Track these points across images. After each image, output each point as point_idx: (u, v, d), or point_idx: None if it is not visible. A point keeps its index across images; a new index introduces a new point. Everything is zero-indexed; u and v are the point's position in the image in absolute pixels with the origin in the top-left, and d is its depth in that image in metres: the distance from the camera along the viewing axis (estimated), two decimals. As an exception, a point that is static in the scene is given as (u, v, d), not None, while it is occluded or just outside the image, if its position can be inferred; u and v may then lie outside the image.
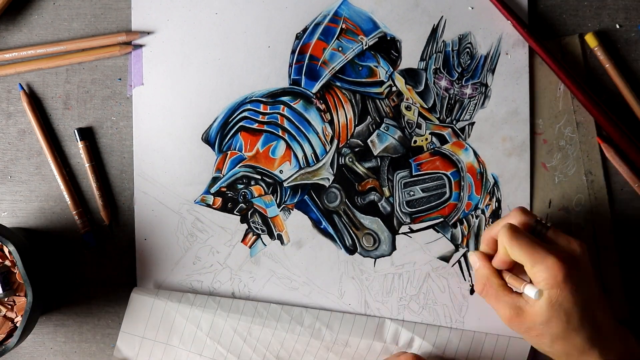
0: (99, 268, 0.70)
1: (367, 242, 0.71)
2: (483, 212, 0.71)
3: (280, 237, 0.70)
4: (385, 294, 0.71)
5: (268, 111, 0.70)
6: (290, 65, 0.70)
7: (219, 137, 0.70)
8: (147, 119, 0.70)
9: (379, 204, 0.71)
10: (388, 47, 0.70)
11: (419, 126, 0.71)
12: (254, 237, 0.70)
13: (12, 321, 0.64)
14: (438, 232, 0.71)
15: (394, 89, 0.70)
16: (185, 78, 0.70)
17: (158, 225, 0.70)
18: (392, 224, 0.71)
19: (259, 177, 0.70)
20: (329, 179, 0.71)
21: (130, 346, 0.69)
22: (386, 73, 0.70)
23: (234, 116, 0.70)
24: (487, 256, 0.65)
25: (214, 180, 0.70)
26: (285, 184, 0.70)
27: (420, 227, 0.71)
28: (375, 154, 0.71)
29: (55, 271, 0.70)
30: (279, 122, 0.70)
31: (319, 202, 0.70)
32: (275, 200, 0.70)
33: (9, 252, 0.63)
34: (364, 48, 0.70)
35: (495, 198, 0.71)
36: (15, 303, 0.64)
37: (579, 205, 0.70)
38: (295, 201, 0.70)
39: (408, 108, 0.71)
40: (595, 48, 0.70)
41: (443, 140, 0.71)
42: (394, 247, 0.71)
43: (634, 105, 0.70)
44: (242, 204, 0.70)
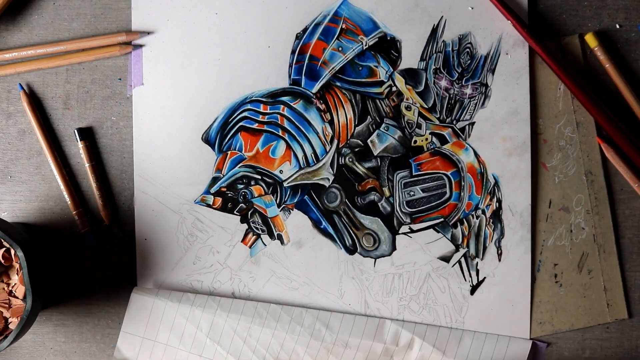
0: (99, 268, 0.70)
1: (367, 242, 0.71)
2: (483, 212, 0.71)
3: (280, 237, 0.70)
4: (385, 294, 0.70)
5: (268, 111, 0.70)
6: (290, 65, 0.70)
7: (219, 137, 0.70)
8: (147, 119, 0.70)
9: (379, 204, 0.71)
10: (388, 47, 0.70)
11: (419, 126, 0.71)
12: (254, 237, 0.70)
13: (5, 320, 0.64)
14: (438, 232, 0.71)
15: (394, 89, 0.70)
16: (185, 78, 0.70)
17: (158, 225, 0.70)
18: (392, 224, 0.71)
19: (259, 177, 0.70)
20: (329, 179, 0.71)
21: (130, 346, 0.69)
22: (386, 73, 0.70)
23: (234, 116, 0.70)
24: None
25: (214, 180, 0.70)
26: (285, 184, 0.70)
27: (421, 227, 0.71)
28: (375, 154, 0.70)
29: (55, 271, 0.70)
30: (279, 122, 0.70)
31: (319, 202, 0.70)
32: (275, 200, 0.70)
33: (15, 254, 0.63)
34: (364, 48, 0.70)
35: (495, 198, 0.71)
36: (11, 304, 0.64)
37: (579, 205, 0.70)
38: (295, 201, 0.70)
39: (408, 108, 0.70)
40: (595, 48, 0.70)
41: (443, 140, 0.71)
42: (394, 247, 0.71)
43: (634, 105, 0.70)
44: (242, 204, 0.70)
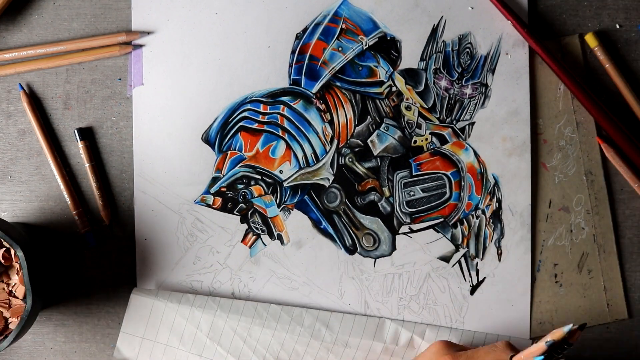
0: (99, 268, 0.70)
1: (367, 242, 0.71)
2: (483, 212, 0.71)
3: (280, 237, 0.70)
4: (385, 294, 0.70)
5: (268, 111, 0.70)
6: (290, 65, 0.70)
7: (219, 137, 0.70)
8: (147, 119, 0.70)
9: (379, 204, 0.70)
10: (388, 47, 0.70)
11: (419, 126, 0.71)
12: (254, 237, 0.70)
13: (5, 320, 0.64)
14: (438, 232, 0.71)
15: (394, 89, 0.70)
16: (185, 78, 0.70)
17: (158, 225, 0.70)
18: (392, 224, 0.71)
19: (259, 177, 0.70)
20: (329, 179, 0.70)
21: (130, 347, 0.69)
22: (386, 73, 0.70)
23: (234, 116, 0.70)
24: None
25: (214, 180, 0.70)
26: (285, 184, 0.70)
27: (421, 227, 0.71)
28: (375, 154, 0.70)
29: (55, 271, 0.70)
30: (279, 122, 0.70)
31: (319, 202, 0.70)
32: (275, 200, 0.70)
33: (15, 254, 0.63)
34: (364, 48, 0.70)
35: (495, 198, 0.71)
36: (11, 304, 0.64)
37: (579, 205, 0.70)
38: (295, 201, 0.70)
39: (408, 108, 0.70)
40: (595, 48, 0.70)
41: (443, 140, 0.71)
42: (394, 247, 0.71)
43: (633, 105, 0.70)
44: (242, 204, 0.70)
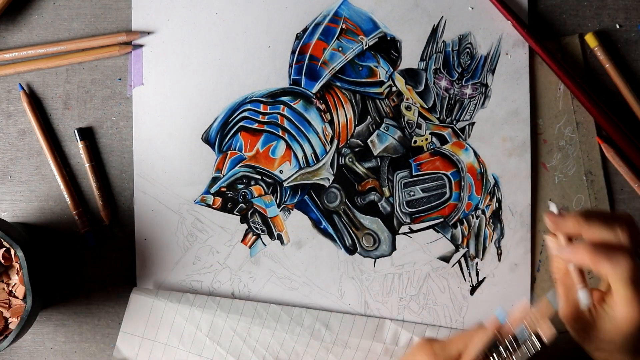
0: (99, 268, 0.70)
1: (367, 242, 0.71)
2: (483, 212, 0.71)
3: (280, 237, 0.70)
4: (385, 294, 0.70)
5: (268, 111, 0.70)
6: (290, 66, 0.70)
7: (219, 137, 0.70)
8: (147, 119, 0.70)
9: (379, 204, 0.70)
10: (388, 47, 0.70)
11: (419, 126, 0.71)
12: (254, 237, 0.70)
13: (5, 320, 0.64)
14: (438, 232, 0.71)
15: (394, 89, 0.70)
16: (185, 78, 0.70)
17: (158, 225, 0.70)
18: (392, 224, 0.71)
19: (259, 177, 0.70)
20: (329, 179, 0.70)
21: (130, 346, 0.69)
22: (386, 73, 0.70)
23: (234, 116, 0.70)
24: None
25: (214, 180, 0.70)
26: (285, 184, 0.70)
27: (420, 227, 0.71)
28: (375, 154, 0.70)
29: (55, 271, 0.70)
30: (279, 122, 0.70)
31: (319, 202, 0.70)
32: (275, 200, 0.70)
33: (15, 254, 0.63)
34: (364, 48, 0.70)
35: (495, 198, 0.71)
36: (11, 304, 0.64)
37: (579, 205, 0.70)
38: (295, 201, 0.70)
39: (408, 108, 0.70)
40: (595, 48, 0.70)
41: (443, 140, 0.71)
42: (394, 247, 0.71)
43: (634, 105, 0.70)
44: (242, 204, 0.70)
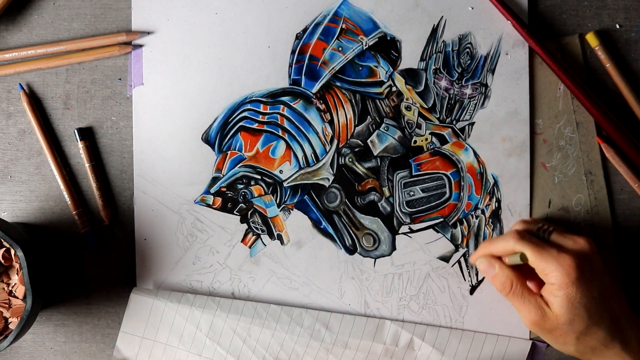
0: (99, 268, 0.70)
1: (367, 242, 0.71)
2: (483, 212, 0.71)
3: (280, 237, 0.70)
4: (385, 294, 0.70)
5: (268, 111, 0.70)
6: (290, 65, 0.70)
7: (219, 137, 0.70)
8: (147, 119, 0.70)
9: (379, 204, 0.70)
10: (388, 47, 0.70)
11: (419, 126, 0.71)
12: (254, 237, 0.70)
13: (5, 320, 0.64)
14: (438, 232, 0.71)
15: (394, 89, 0.70)
16: (185, 78, 0.70)
17: (158, 225, 0.70)
18: (392, 224, 0.71)
19: (259, 177, 0.70)
20: (329, 179, 0.70)
21: (130, 346, 0.69)
22: (386, 73, 0.70)
23: (234, 116, 0.70)
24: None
25: (214, 180, 0.70)
26: (285, 184, 0.70)
27: (420, 227, 0.71)
28: (375, 154, 0.70)
29: (55, 271, 0.70)
30: (279, 122, 0.70)
31: (319, 202, 0.70)
32: (275, 200, 0.70)
33: (15, 254, 0.63)
34: (364, 48, 0.70)
35: (495, 198, 0.71)
36: (11, 304, 0.64)
37: (579, 205, 0.70)
38: (295, 201, 0.70)
39: (408, 108, 0.70)
40: (596, 48, 0.70)
41: (443, 140, 0.71)
42: (393, 247, 0.71)
43: (634, 105, 0.70)
44: (242, 204, 0.70)
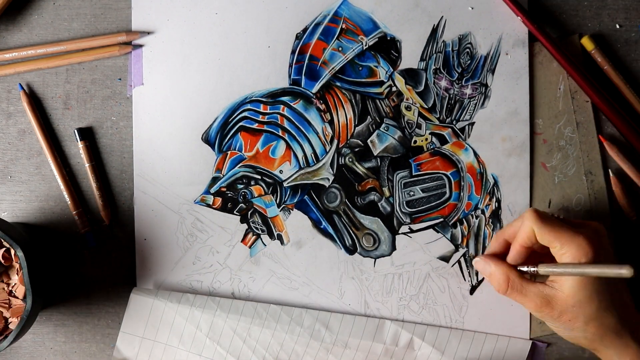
0: (99, 268, 0.70)
1: (367, 242, 0.71)
2: (483, 212, 0.71)
3: (280, 237, 0.70)
4: (385, 294, 0.70)
5: (268, 111, 0.70)
6: (290, 65, 0.70)
7: (219, 137, 0.70)
8: (147, 119, 0.70)
9: (379, 204, 0.71)
10: (388, 47, 0.70)
11: (419, 126, 0.71)
12: (254, 237, 0.70)
13: (5, 320, 0.64)
14: (438, 232, 0.71)
15: (394, 89, 0.70)
16: (185, 78, 0.70)
17: (158, 225, 0.70)
18: (392, 224, 0.71)
19: (259, 177, 0.70)
20: (329, 179, 0.71)
21: (130, 346, 0.69)
22: (386, 73, 0.70)
23: (234, 116, 0.70)
24: (498, 257, 0.65)
25: (214, 180, 0.70)
26: (285, 184, 0.70)
27: (420, 227, 0.71)
28: (375, 154, 0.71)
29: (55, 271, 0.70)
30: (279, 122, 0.70)
31: (319, 202, 0.70)
32: (275, 200, 0.70)
33: (15, 254, 0.63)
34: (364, 48, 0.70)
35: (495, 198, 0.71)
36: (11, 304, 0.64)
37: (579, 205, 0.70)
38: (295, 201, 0.70)
39: (408, 108, 0.71)
40: (593, 51, 0.70)
41: (443, 140, 0.71)
42: (393, 247, 0.71)
43: (635, 104, 0.70)
44: (242, 204, 0.70)
